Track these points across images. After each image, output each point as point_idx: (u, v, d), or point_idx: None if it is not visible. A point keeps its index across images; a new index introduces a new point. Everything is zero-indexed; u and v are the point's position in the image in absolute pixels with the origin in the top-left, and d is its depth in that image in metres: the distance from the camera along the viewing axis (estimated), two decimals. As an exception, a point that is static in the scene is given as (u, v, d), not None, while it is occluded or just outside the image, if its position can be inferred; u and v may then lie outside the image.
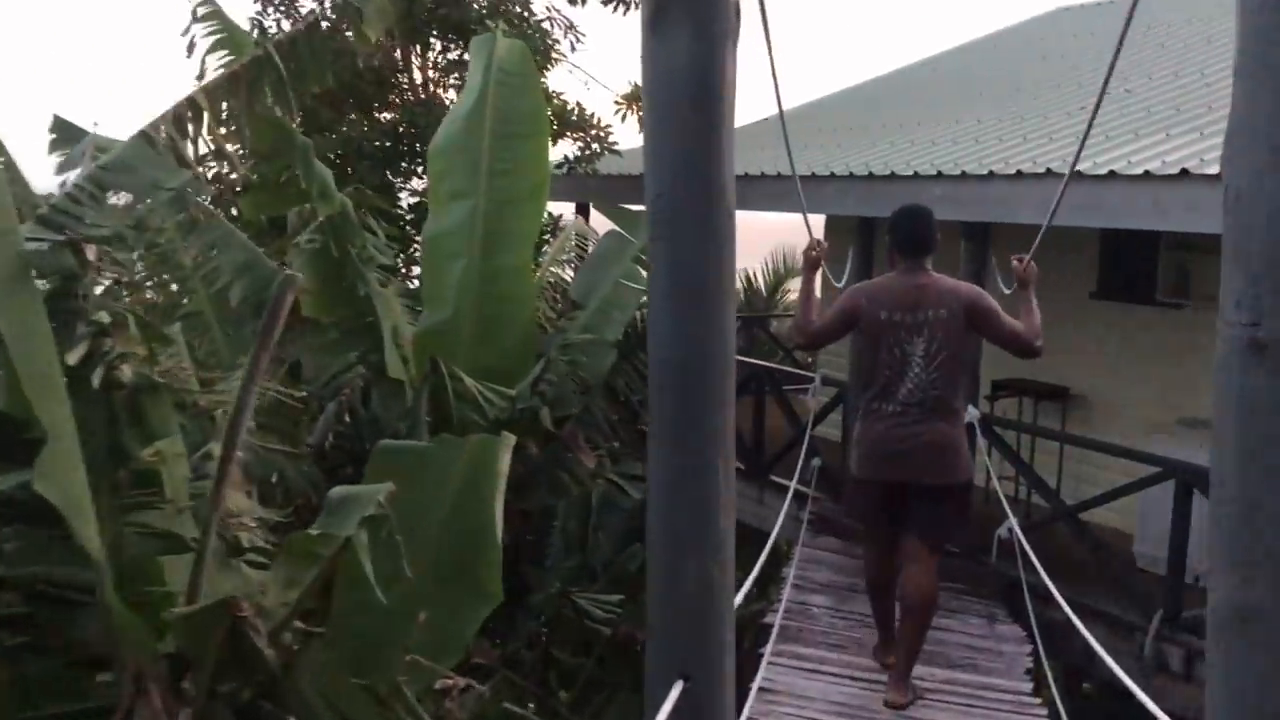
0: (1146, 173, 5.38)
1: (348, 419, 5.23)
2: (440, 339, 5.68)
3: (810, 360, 12.06)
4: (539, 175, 5.84)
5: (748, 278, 14.93)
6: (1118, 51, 2.67)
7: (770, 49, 2.64)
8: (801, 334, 4.69)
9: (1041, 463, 7.95)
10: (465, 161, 5.82)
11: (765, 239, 14.76)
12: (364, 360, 5.54)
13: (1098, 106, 3.16)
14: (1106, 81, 2.85)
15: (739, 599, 3.92)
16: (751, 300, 14.77)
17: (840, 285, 7.67)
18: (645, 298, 7.33)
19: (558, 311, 6.53)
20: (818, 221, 12.08)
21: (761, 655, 4.97)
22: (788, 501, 6.74)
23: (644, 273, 6.10)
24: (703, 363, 1.80)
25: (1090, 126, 3.28)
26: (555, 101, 9.49)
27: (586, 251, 7.08)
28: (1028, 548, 5.73)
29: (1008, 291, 5.06)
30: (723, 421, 1.76)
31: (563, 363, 5.34)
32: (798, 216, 5.30)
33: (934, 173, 6.64)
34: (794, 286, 15.10)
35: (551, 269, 7.05)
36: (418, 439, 4.93)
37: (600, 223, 8.46)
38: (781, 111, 3.85)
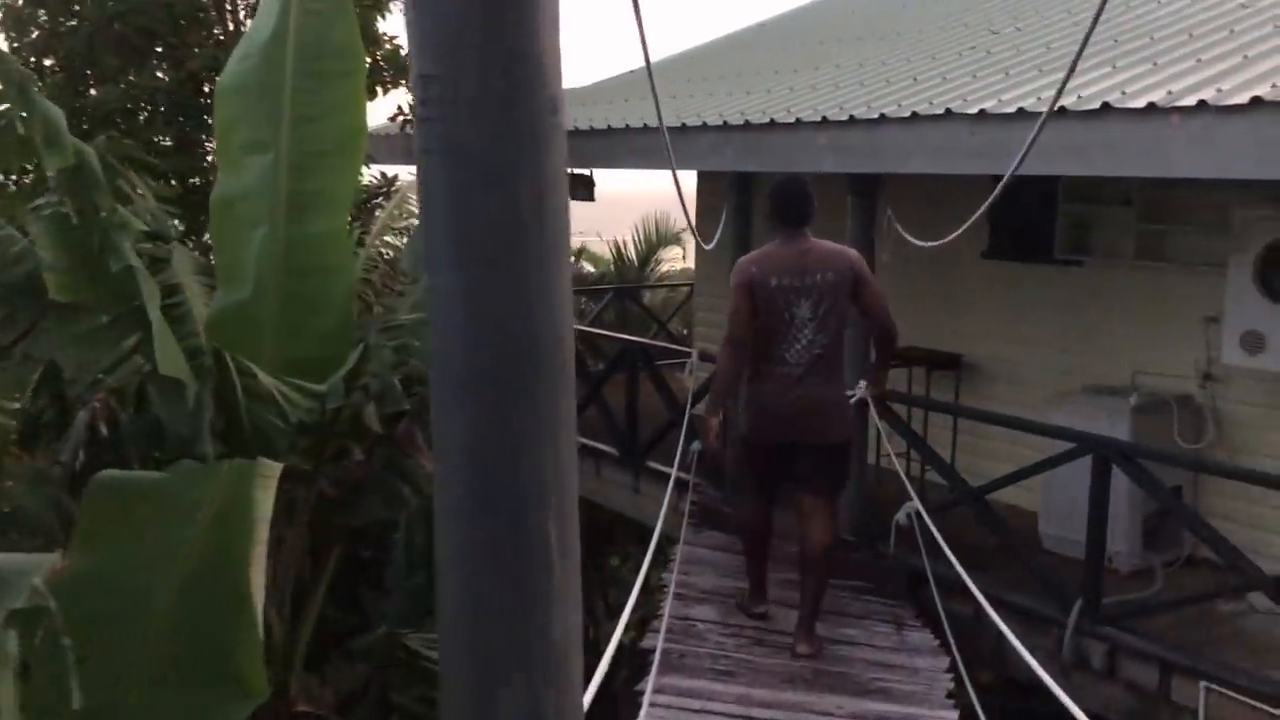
0: (1063, 109, 4.70)
1: (112, 427, 4.13)
2: (238, 325, 4.61)
3: (685, 332, 11.29)
4: (354, 121, 4.79)
5: (618, 247, 14.06)
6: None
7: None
8: (733, 344, 4.71)
9: (935, 437, 7.35)
10: (262, 105, 4.72)
11: (632, 212, 13.91)
12: (141, 351, 4.42)
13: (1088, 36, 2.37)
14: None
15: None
16: (623, 271, 13.91)
17: (709, 248, 6.92)
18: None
19: (390, 288, 5.51)
20: (689, 179, 11.27)
21: (641, 694, 4.15)
22: (669, 492, 5.91)
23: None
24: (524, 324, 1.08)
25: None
26: (388, 46, 8.37)
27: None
28: (936, 534, 5.07)
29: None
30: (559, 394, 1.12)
31: (388, 349, 4.34)
32: (667, 185, 4.58)
33: (818, 119, 5.85)
34: (666, 255, 14.30)
35: (386, 239, 6.00)
36: (200, 452, 3.88)
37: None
38: (645, 47, 2.98)
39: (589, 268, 14.66)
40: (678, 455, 6.64)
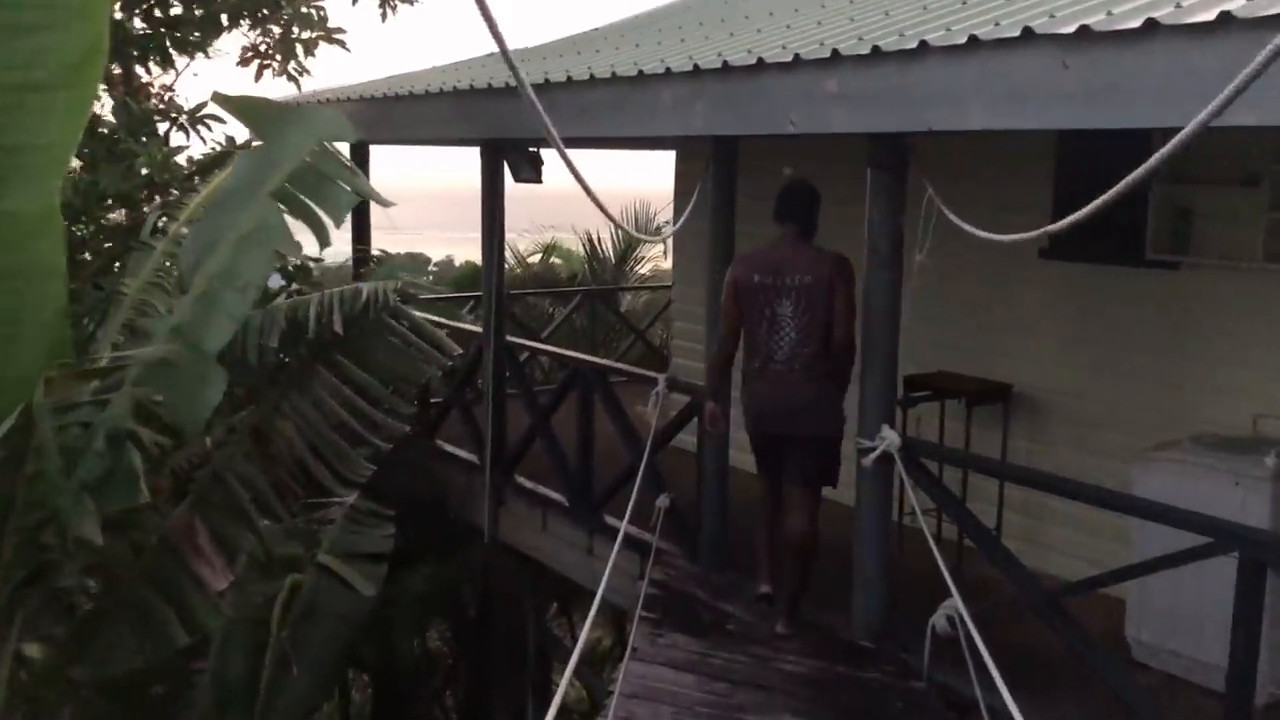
0: (1227, 17, 2.87)
1: None
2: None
3: (665, 350, 9.47)
4: (84, 41, 2.97)
5: (592, 242, 12.22)
6: None
7: None
8: (721, 341, 4.98)
9: (976, 487, 5.58)
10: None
11: (611, 205, 12.04)
12: None
13: None
14: None
15: None
16: (596, 270, 12.08)
17: (662, 237, 5.22)
18: (290, 259, 4.58)
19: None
20: (667, 164, 9.39)
21: None
22: (613, 555, 4.11)
23: (288, 215, 3.34)
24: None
25: None
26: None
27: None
28: (985, 652, 3.33)
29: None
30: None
31: (91, 407, 2.55)
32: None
33: (825, 54, 4.03)
34: (648, 254, 12.47)
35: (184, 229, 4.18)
36: None
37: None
38: None
39: (559, 264, 12.83)
40: (629, 506, 4.91)
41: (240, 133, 7.30)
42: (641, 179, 13.04)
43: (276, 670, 3.75)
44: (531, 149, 6.75)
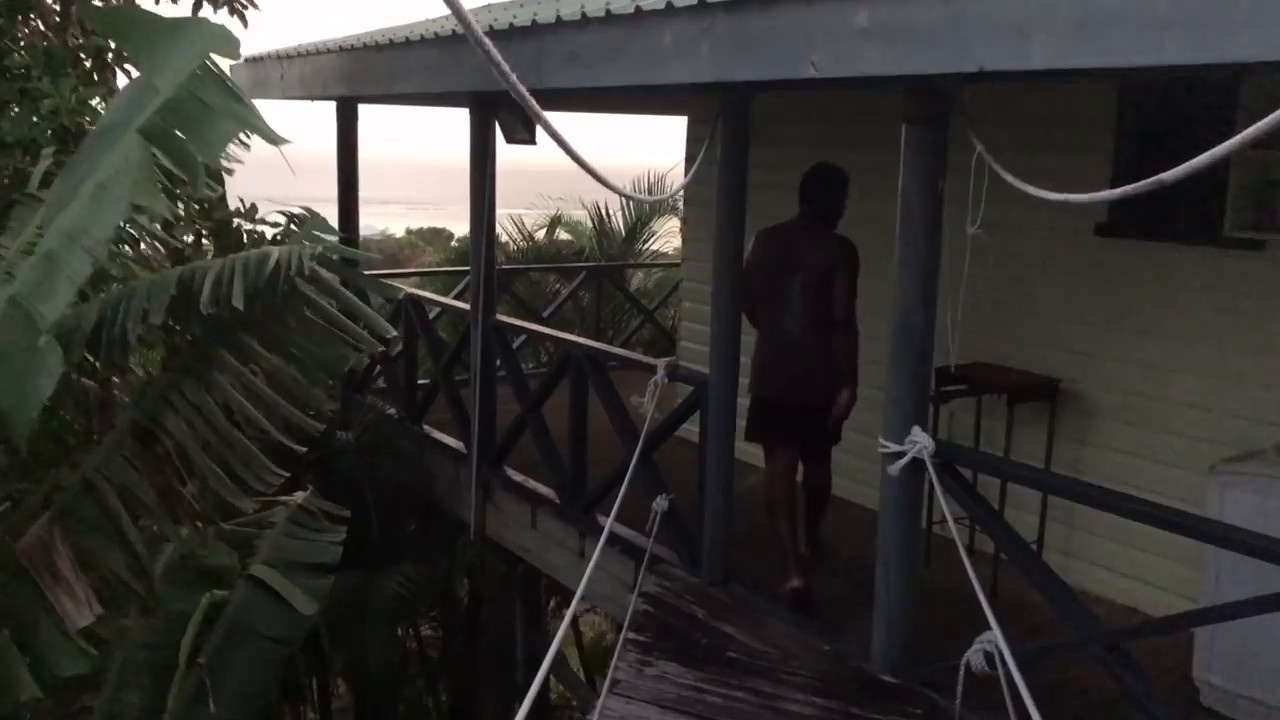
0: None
1: None
2: None
3: (675, 333, 8.80)
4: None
5: (600, 216, 11.51)
6: None
7: None
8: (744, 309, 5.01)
9: (1015, 493, 4.92)
10: None
11: (622, 179, 11.32)
12: None
13: None
14: None
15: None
16: (604, 244, 11.38)
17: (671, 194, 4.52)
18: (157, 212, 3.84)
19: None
20: (667, 130, 8.72)
21: None
22: (597, 550, 3.48)
23: (164, 159, 2.66)
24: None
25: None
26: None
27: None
28: (1027, 695, 2.73)
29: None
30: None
31: None
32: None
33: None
34: (662, 229, 11.77)
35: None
36: None
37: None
38: None
39: (568, 238, 12.14)
40: (615, 508, 4.30)
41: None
42: (654, 152, 12.35)
43: (189, 708, 3.13)
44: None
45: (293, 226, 5.73)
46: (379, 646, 5.86)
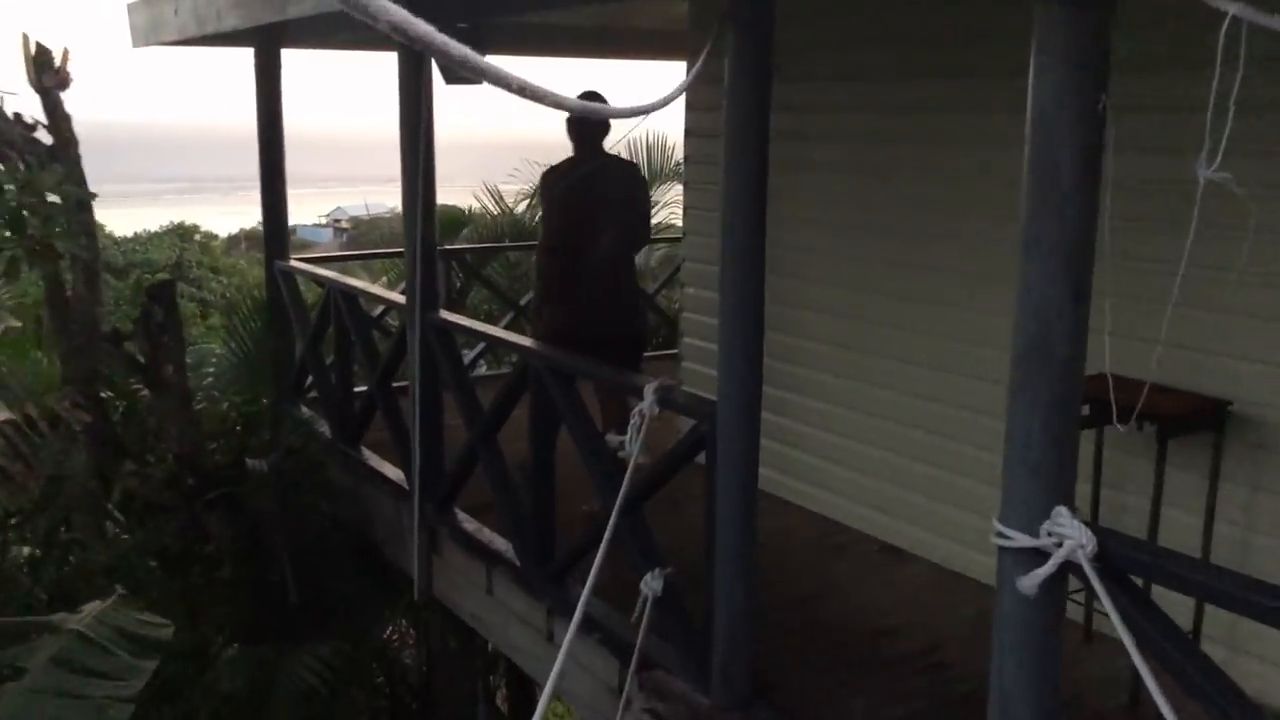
0: None
1: None
2: None
3: (679, 316, 7.18)
4: None
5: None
6: None
7: None
8: None
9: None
10: None
11: (617, 145, 9.67)
12: None
13: None
14: None
15: None
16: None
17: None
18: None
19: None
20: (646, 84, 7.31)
21: None
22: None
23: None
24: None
25: None
26: None
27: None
28: None
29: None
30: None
31: None
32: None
33: None
34: (665, 197, 10.16)
35: None
36: None
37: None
38: None
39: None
40: (587, 588, 2.87)
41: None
42: (662, 116, 10.71)
43: None
44: (461, 25, 4.47)
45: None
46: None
